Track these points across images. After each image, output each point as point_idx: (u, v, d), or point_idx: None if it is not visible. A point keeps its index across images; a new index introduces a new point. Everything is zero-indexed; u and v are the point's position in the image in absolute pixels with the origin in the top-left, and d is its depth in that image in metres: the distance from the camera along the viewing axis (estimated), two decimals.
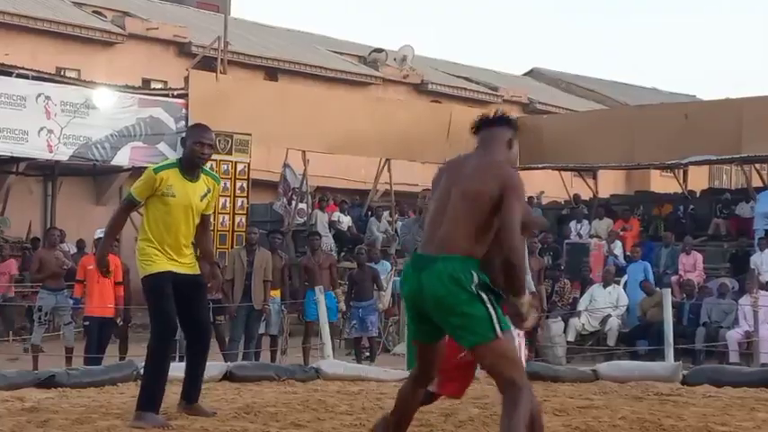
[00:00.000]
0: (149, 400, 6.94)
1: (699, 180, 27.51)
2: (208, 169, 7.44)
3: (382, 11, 75.48)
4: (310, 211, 21.68)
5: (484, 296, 4.97)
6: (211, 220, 8.33)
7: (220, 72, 20.86)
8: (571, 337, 16.57)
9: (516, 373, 5.00)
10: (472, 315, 4.95)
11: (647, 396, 9.02)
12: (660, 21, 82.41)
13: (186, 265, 7.18)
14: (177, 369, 7.48)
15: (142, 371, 9.29)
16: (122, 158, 18.97)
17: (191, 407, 7.29)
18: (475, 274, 4.98)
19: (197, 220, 7.22)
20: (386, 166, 22.95)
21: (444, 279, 5.00)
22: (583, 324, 16.76)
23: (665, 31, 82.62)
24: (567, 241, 19.96)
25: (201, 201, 7.19)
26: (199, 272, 7.31)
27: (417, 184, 22.83)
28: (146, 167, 7.64)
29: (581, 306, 16.98)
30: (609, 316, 16.60)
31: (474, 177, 5.12)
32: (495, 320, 4.95)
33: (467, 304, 4.95)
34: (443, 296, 5.00)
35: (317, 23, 78.63)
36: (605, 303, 16.67)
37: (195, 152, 7.10)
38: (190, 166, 7.16)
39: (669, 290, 12.88)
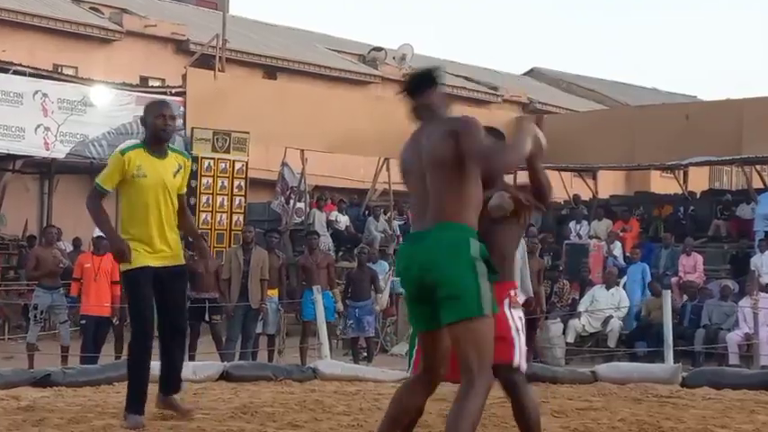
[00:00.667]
0: (131, 400, 6.80)
1: (699, 181, 27.49)
2: (176, 147, 7.19)
3: (382, 9, 75.53)
4: (308, 210, 21.63)
5: (479, 269, 4.71)
6: (192, 201, 8.17)
7: (219, 70, 20.83)
8: (571, 339, 16.51)
9: (481, 361, 4.71)
10: (463, 286, 4.69)
11: (646, 398, 8.96)
12: (660, 20, 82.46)
13: (169, 255, 6.87)
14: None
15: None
16: None
17: (165, 399, 7.07)
18: (472, 243, 4.74)
19: (175, 200, 6.90)
20: (385, 166, 22.89)
21: (440, 246, 4.75)
22: (583, 325, 16.70)
23: (666, 30, 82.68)
24: (566, 242, 19.91)
25: (175, 177, 6.87)
26: (182, 261, 7.02)
27: None
28: None
29: (581, 307, 16.92)
30: (611, 317, 16.53)
31: (432, 145, 4.92)
32: (484, 297, 4.69)
33: (460, 274, 4.70)
34: (437, 263, 4.74)
35: (317, 22, 78.61)
36: (608, 305, 16.60)
37: (158, 126, 6.80)
38: (155, 142, 6.87)
39: (669, 291, 12.83)
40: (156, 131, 6.83)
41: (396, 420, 5.08)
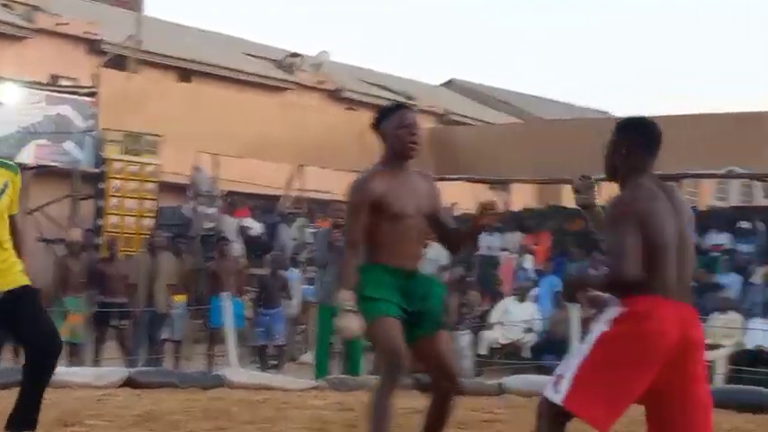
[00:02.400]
0: None
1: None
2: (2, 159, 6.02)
3: (299, 16, 75.32)
4: (219, 215, 21.43)
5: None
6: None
7: (132, 71, 20.55)
8: (483, 350, 16.52)
9: (381, 358, 5.54)
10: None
11: None
12: (580, 36, 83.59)
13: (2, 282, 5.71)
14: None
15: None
16: (26, 156, 18.42)
17: None
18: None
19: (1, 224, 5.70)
20: (298, 173, 22.80)
21: None
22: (497, 338, 16.71)
23: (586, 45, 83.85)
24: (477, 253, 19.97)
25: (1, 198, 5.67)
26: (23, 282, 5.78)
27: (330, 192, 22.74)
28: (50, 166, 7.11)
29: (493, 319, 16.95)
30: (530, 330, 16.59)
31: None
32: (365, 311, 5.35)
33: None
34: None
35: (234, 25, 78.16)
36: (521, 317, 16.64)
37: None
38: None
39: (578, 305, 12.90)
40: None
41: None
